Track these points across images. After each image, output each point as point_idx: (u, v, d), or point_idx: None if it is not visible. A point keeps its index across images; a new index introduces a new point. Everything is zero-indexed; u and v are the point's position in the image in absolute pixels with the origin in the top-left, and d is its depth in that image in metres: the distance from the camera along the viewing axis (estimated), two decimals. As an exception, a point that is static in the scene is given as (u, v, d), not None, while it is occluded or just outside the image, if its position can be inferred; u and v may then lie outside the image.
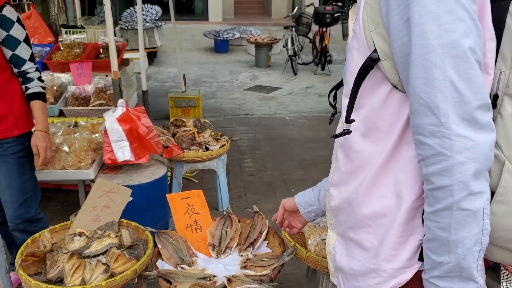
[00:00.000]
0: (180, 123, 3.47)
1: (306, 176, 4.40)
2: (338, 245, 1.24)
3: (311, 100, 7.33)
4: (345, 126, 1.07)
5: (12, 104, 2.36)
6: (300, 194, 1.61)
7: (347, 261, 1.19)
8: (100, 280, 1.83)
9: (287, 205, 1.63)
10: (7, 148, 2.36)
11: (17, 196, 2.43)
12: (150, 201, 2.90)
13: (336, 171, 1.20)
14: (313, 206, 1.56)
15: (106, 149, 2.80)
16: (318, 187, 1.58)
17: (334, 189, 1.22)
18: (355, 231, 1.15)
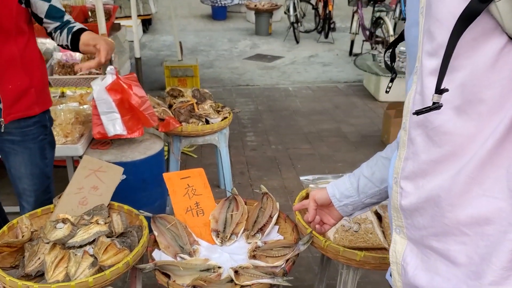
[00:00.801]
0: (177, 93, 3.17)
1: (313, 151, 4.13)
2: (411, 255, 0.96)
3: (314, 69, 6.99)
4: (435, 98, 0.77)
5: (33, 75, 1.98)
6: (333, 184, 1.37)
7: (427, 278, 0.92)
8: (87, 274, 1.57)
9: (317, 198, 1.39)
10: (27, 133, 2.02)
11: (39, 184, 2.12)
12: (145, 179, 2.63)
13: (412, 159, 0.91)
14: (350, 198, 1.33)
15: (95, 122, 2.51)
16: (356, 174, 1.33)
17: (408, 182, 0.93)
18: (441, 240, 0.88)
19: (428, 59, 0.83)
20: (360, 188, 1.30)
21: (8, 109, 1.91)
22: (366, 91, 5.93)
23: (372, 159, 1.32)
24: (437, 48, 0.80)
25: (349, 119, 4.93)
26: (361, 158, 3.98)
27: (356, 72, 6.69)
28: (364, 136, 4.49)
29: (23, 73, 1.93)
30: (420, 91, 0.86)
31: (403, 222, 0.97)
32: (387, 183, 1.27)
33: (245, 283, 1.60)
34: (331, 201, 1.35)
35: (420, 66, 0.86)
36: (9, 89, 1.89)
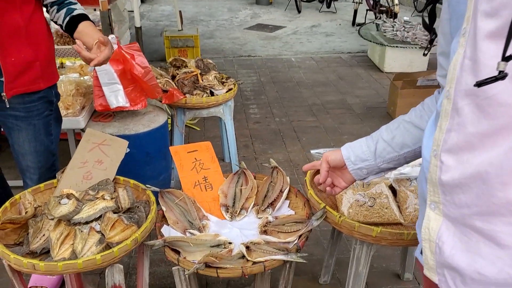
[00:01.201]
0: (180, 64, 3.07)
1: (318, 123, 4.05)
2: (447, 233, 0.89)
3: (317, 39, 6.84)
4: (501, 66, 0.69)
5: (38, 48, 1.86)
6: (348, 146, 1.30)
7: (468, 260, 0.86)
8: (94, 252, 1.51)
9: (331, 159, 1.32)
10: (31, 109, 1.91)
11: (44, 161, 2.03)
12: (149, 152, 2.56)
13: (456, 131, 0.83)
14: (366, 162, 1.27)
15: (97, 93, 2.42)
16: (374, 137, 1.26)
17: (450, 156, 0.85)
18: (487, 220, 0.81)
19: (485, 21, 0.74)
20: (377, 152, 1.24)
21: (10, 83, 1.80)
22: (371, 61, 5.81)
23: (393, 122, 1.25)
24: (498, 7, 0.71)
25: (354, 91, 4.83)
26: (367, 130, 3.91)
27: (359, 42, 6.55)
28: (369, 108, 4.40)
29: (27, 45, 1.81)
30: (471, 57, 0.77)
31: (441, 198, 0.90)
32: (408, 149, 1.24)
33: (257, 259, 1.55)
34: (345, 163, 1.30)
35: (471, 27, 0.77)
36: (11, 61, 1.78)
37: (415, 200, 1.71)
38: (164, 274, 2.29)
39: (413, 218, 1.68)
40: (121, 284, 1.59)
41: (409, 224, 1.68)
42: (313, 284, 2.25)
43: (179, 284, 1.60)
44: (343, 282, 2.25)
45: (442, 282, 0.93)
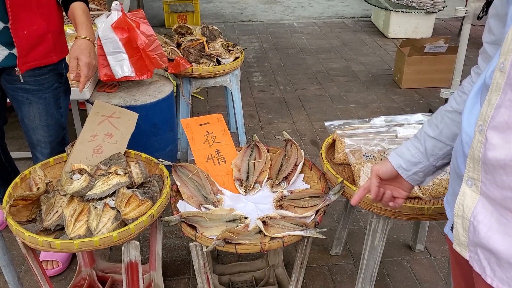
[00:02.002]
0: (185, 31, 2.96)
1: (323, 91, 3.99)
2: (484, 212, 0.86)
3: (319, 3, 6.67)
4: None
5: (49, 19, 1.79)
6: (395, 154, 1.21)
7: (507, 243, 0.83)
8: (109, 228, 1.49)
9: (382, 172, 1.22)
10: (42, 81, 1.85)
11: (55, 135, 1.98)
12: (156, 123, 2.50)
13: (508, 108, 0.78)
14: (419, 165, 1.18)
15: (102, 63, 2.34)
16: (420, 137, 1.18)
17: (496, 134, 0.81)
18: None
19: None
20: (428, 151, 1.16)
21: (24, 57, 1.73)
22: (375, 27, 5.69)
23: (435, 116, 1.17)
24: None
25: (358, 57, 4.74)
26: (373, 98, 3.86)
27: (362, 7, 6.41)
28: (375, 75, 4.33)
29: (39, 16, 1.73)
30: None
31: (481, 176, 0.86)
32: None
33: (276, 235, 1.53)
34: (398, 172, 1.20)
35: None
36: (24, 34, 1.70)
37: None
38: (175, 247, 2.28)
39: (432, 192, 1.65)
40: (137, 260, 1.57)
41: (427, 198, 1.65)
42: (325, 255, 2.25)
43: (196, 260, 1.59)
44: (355, 253, 2.25)
45: (475, 260, 0.91)
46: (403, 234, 2.37)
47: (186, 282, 2.09)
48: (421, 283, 2.10)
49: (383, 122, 1.95)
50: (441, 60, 3.93)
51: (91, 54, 1.79)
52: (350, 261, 2.22)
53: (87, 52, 1.77)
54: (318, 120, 3.44)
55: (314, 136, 3.24)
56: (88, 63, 1.77)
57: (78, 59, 1.76)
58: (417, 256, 2.25)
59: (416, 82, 4.02)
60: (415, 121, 1.95)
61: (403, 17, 5.21)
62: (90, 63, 1.78)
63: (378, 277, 2.12)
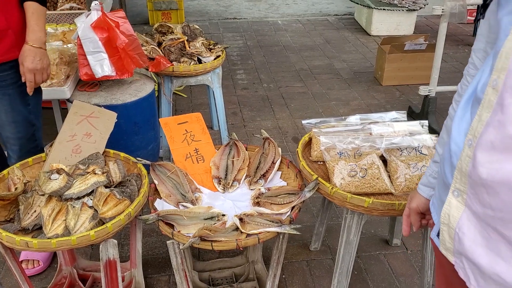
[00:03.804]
0: (166, 30, 2.98)
1: (305, 89, 4.03)
2: (468, 225, 0.86)
3: (303, 1, 6.72)
4: None
5: (10, 15, 1.78)
6: (422, 185, 1.20)
7: (489, 259, 0.82)
8: (87, 227, 1.51)
9: (422, 208, 1.21)
10: (4, 78, 1.84)
11: (24, 131, 1.97)
12: (137, 122, 2.52)
13: (495, 128, 0.76)
14: None
15: (82, 62, 2.35)
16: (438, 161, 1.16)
17: (482, 152, 0.79)
18: (510, 228, 0.77)
19: None
20: None
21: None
22: (358, 24, 5.74)
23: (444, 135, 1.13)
24: None
25: (341, 55, 4.79)
26: (355, 95, 3.91)
27: (346, 4, 6.46)
28: (356, 72, 4.38)
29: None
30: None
31: (467, 189, 0.85)
32: None
33: (251, 231, 1.56)
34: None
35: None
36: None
37: (406, 170, 1.72)
38: (156, 245, 2.31)
39: (404, 188, 1.70)
40: (115, 258, 1.60)
41: (399, 194, 1.70)
42: (304, 251, 2.30)
43: (173, 257, 1.61)
44: (333, 248, 2.30)
45: (460, 267, 0.91)
46: (380, 229, 2.43)
47: (167, 279, 2.12)
48: (397, 277, 2.15)
49: (358, 120, 1.99)
50: (421, 57, 4.00)
51: (35, 60, 1.80)
52: (328, 256, 2.27)
53: (30, 58, 1.78)
54: (300, 118, 3.48)
55: (296, 133, 3.28)
56: (31, 69, 1.79)
57: (23, 65, 1.79)
58: (393, 251, 2.30)
59: (397, 79, 4.08)
60: (390, 119, 2.00)
61: (385, 14, 5.27)
62: (34, 69, 1.80)
63: (356, 271, 2.17)
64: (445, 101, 3.78)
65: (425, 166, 1.72)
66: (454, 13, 2.90)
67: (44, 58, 1.84)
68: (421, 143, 1.81)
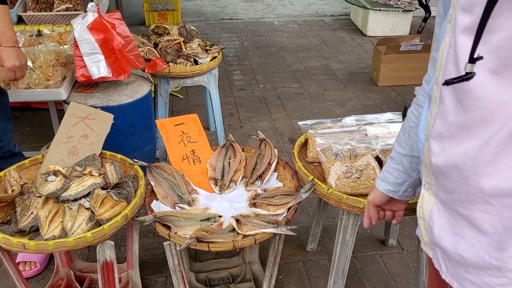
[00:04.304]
0: (162, 31, 2.98)
1: (302, 90, 4.04)
2: (438, 214, 0.93)
3: (300, 2, 6.72)
4: (468, 68, 0.71)
5: None
6: (380, 181, 1.27)
7: (453, 241, 0.89)
8: (84, 229, 1.51)
9: (377, 201, 1.29)
10: None
11: None
12: (134, 123, 2.52)
13: (440, 119, 0.85)
14: (405, 183, 1.22)
15: (78, 63, 2.35)
16: (395, 158, 1.21)
17: (435, 142, 0.87)
18: (466, 207, 0.84)
19: (462, 15, 0.74)
20: (408, 169, 1.19)
21: None
22: (354, 25, 5.75)
23: (401, 134, 1.21)
24: (473, 4, 0.71)
25: (337, 56, 4.80)
26: (351, 96, 3.92)
27: (342, 5, 6.47)
28: (352, 73, 4.40)
29: None
30: (453, 46, 0.77)
31: (432, 180, 0.92)
32: None
33: (248, 233, 1.57)
34: (389, 196, 1.26)
35: (454, 17, 0.77)
36: None
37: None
38: (153, 246, 2.31)
39: (399, 189, 1.71)
40: (112, 260, 1.60)
41: (395, 194, 1.71)
42: (300, 251, 2.31)
43: (170, 259, 1.62)
44: (330, 249, 2.31)
45: (435, 258, 0.97)
46: (376, 230, 2.44)
47: (164, 280, 2.13)
48: (393, 277, 2.17)
49: (354, 121, 2.00)
50: (416, 58, 4.01)
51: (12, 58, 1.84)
52: (324, 256, 2.28)
53: (7, 58, 1.83)
54: (296, 118, 3.49)
55: (292, 134, 3.29)
56: (11, 68, 1.86)
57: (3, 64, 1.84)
58: (389, 251, 2.31)
59: (392, 80, 4.10)
60: (385, 119, 2.01)
61: (381, 15, 5.28)
62: (13, 67, 1.86)
63: (352, 271, 2.18)
64: (441, 102, 3.79)
65: (420, 167, 1.73)
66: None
67: (20, 55, 1.89)
68: (416, 144, 1.82)
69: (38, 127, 3.36)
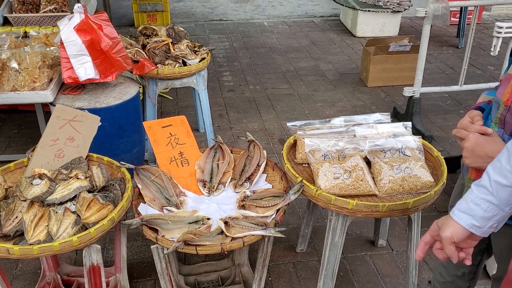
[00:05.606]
0: (151, 32, 2.96)
1: (291, 91, 4.03)
2: None
3: (289, 2, 6.73)
4: None
5: None
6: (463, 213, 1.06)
7: None
8: (70, 233, 1.49)
9: (457, 237, 1.06)
10: None
11: None
12: (122, 125, 2.51)
13: None
14: (494, 218, 1.03)
15: (65, 65, 2.32)
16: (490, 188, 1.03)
17: None
18: None
19: None
20: (503, 202, 1.02)
21: None
22: (343, 26, 5.77)
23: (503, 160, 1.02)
24: None
25: (327, 56, 4.81)
26: (340, 97, 3.93)
27: (331, 6, 6.48)
28: (342, 74, 4.40)
29: None
30: None
31: None
32: None
33: (236, 235, 1.56)
34: (471, 232, 1.05)
35: None
36: None
37: (389, 172, 1.73)
38: (141, 249, 2.29)
39: (388, 190, 1.71)
40: (99, 264, 1.58)
41: (383, 195, 1.71)
42: (290, 253, 2.30)
43: (158, 262, 1.60)
44: (319, 250, 2.31)
45: None
46: (366, 230, 2.44)
47: (152, 284, 2.11)
48: (383, 277, 2.17)
49: (342, 122, 2.00)
50: (405, 58, 4.03)
51: None
52: (314, 257, 2.28)
53: None
54: (286, 119, 3.48)
55: (282, 135, 3.28)
56: None
57: None
58: (379, 251, 2.31)
59: (382, 80, 4.11)
60: (374, 120, 2.01)
61: (370, 16, 5.30)
62: None
63: (342, 272, 2.18)
64: (430, 102, 3.81)
65: (408, 168, 1.73)
66: (437, 15, 2.93)
67: None
68: (405, 145, 1.82)
69: (25, 129, 3.32)
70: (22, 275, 2.13)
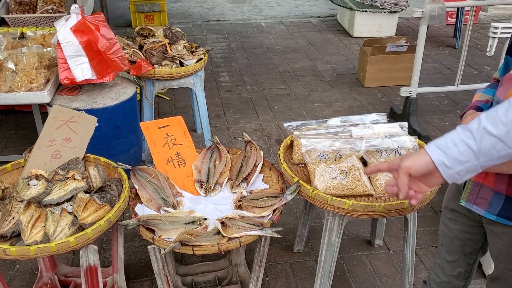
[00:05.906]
0: (148, 33, 2.96)
1: (289, 91, 4.04)
2: None
3: (286, 3, 6.74)
4: None
5: None
6: (437, 148, 1.00)
7: None
8: (67, 234, 1.49)
9: (415, 170, 1.01)
10: None
11: None
12: (119, 126, 2.51)
13: None
14: (466, 164, 0.97)
15: (62, 66, 2.33)
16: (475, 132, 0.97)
17: None
18: None
19: None
20: (482, 151, 0.96)
21: None
22: (340, 26, 5.78)
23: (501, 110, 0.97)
24: None
25: (324, 57, 4.82)
26: (337, 97, 3.93)
27: (328, 6, 6.50)
28: (339, 74, 4.41)
29: None
30: None
31: None
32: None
33: (233, 235, 1.57)
34: (438, 169, 0.99)
35: None
36: None
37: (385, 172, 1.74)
38: (138, 249, 2.30)
39: (384, 190, 1.71)
40: (96, 264, 1.59)
41: (379, 195, 1.72)
42: (287, 253, 2.30)
43: (155, 263, 1.61)
44: (316, 250, 2.31)
45: None
46: (362, 230, 2.45)
47: (149, 284, 2.11)
48: (379, 277, 2.17)
49: (339, 122, 2.01)
50: (402, 59, 4.04)
51: None
52: (311, 257, 2.28)
53: None
54: (283, 120, 3.49)
55: (279, 136, 3.29)
56: None
57: None
58: (376, 251, 2.32)
59: (379, 80, 4.12)
60: (370, 121, 2.02)
61: (367, 16, 5.32)
62: None
63: (338, 272, 2.18)
64: (426, 102, 3.82)
65: (404, 168, 1.73)
66: (434, 15, 2.94)
67: None
68: (401, 145, 1.83)
69: (22, 130, 3.32)
70: (19, 276, 2.14)
